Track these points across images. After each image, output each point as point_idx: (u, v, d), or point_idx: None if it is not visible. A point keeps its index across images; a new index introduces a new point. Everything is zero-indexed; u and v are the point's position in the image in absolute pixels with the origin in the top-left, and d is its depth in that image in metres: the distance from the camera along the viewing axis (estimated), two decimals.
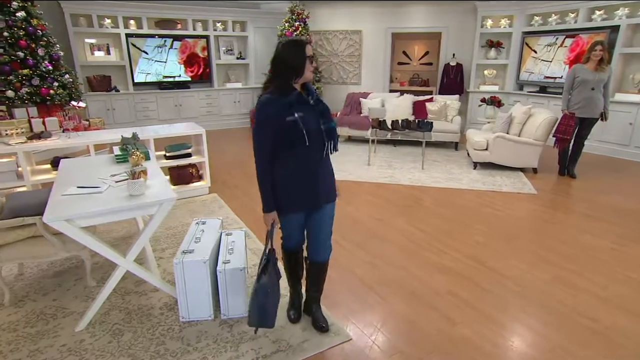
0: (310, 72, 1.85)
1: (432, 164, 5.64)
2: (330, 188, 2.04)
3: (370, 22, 8.11)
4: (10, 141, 3.54)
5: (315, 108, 1.88)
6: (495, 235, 3.44)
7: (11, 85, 5.74)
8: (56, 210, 2.05)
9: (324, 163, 1.97)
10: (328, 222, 2.10)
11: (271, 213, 1.93)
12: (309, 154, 1.88)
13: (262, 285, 1.90)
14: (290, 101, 1.81)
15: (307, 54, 1.82)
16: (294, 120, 1.79)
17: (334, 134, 1.93)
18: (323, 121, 1.89)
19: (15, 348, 2.08)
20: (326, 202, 2.03)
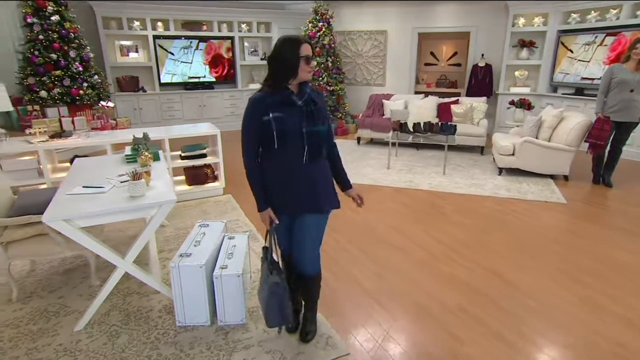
0: (306, 73, 1.76)
1: (455, 168, 5.41)
2: (318, 197, 1.88)
3: (395, 21, 7.92)
4: (33, 140, 3.66)
5: (302, 109, 1.77)
6: (516, 247, 3.23)
7: (44, 85, 6.00)
8: (56, 209, 2.07)
9: (311, 169, 1.84)
10: (312, 234, 1.97)
11: (266, 211, 1.87)
12: (287, 158, 1.81)
13: (276, 282, 1.85)
14: (273, 101, 1.75)
15: (302, 53, 1.73)
16: (268, 120, 1.73)
17: (317, 139, 1.80)
18: (307, 124, 1.76)
19: (14, 345, 2.11)
20: (309, 212, 1.90)
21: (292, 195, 1.86)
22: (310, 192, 1.87)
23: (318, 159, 1.84)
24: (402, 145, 6.41)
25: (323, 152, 1.86)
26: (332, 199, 1.97)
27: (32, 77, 5.96)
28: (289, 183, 1.84)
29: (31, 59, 5.90)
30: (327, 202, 1.94)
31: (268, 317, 1.90)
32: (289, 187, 1.85)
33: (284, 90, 1.77)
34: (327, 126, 1.86)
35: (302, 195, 1.86)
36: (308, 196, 1.87)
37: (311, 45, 1.79)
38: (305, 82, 1.82)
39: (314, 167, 1.84)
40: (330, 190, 1.97)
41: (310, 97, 1.81)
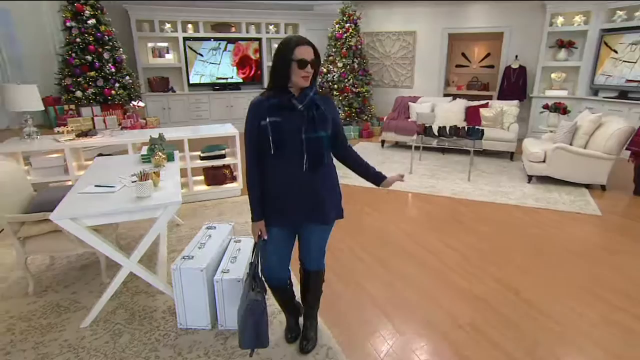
0: (299, 78, 1.64)
1: (481, 175, 5.18)
2: (320, 208, 1.80)
3: (425, 22, 7.72)
4: (61, 138, 3.81)
5: (302, 114, 1.67)
6: (539, 262, 3.02)
7: (80, 86, 6.27)
8: (65, 208, 2.12)
9: (311, 178, 1.74)
10: (316, 244, 1.92)
11: (258, 222, 1.80)
12: (285, 165, 1.72)
13: (256, 300, 1.78)
14: (272, 104, 1.67)
15: (295, 57, 1.61)
16: (265, 125, 1.66)
17: (317, 146, 1.69)
18: (306, 129, 1.67)
19: (24, 338, 2.18)
20: (310, 223, 1.83)
21: (293, 206, 1.77)
22: (312, 202, 1.78)
23: (319, 167, 1.73)
24: (428, 150, 6.22)
25: (325, 160, 1.75)
26: (337, 209, 1.89)
27: (69, 78, 6.24)
28: (289, 192, 1.76)
29: (69, 61, 6.18)
30: (331, 213, 1.84)
31: (243, 336, 1.77)
32: (289, 197, 1.76)
33: (285, 93, 1.69)
34: (328, 132, 1.74)
35: (303, 206, 1.77)
36: (309, 206, 1.78)
37: (313, 47, 1.66)
38: (309, 86, 1.71)
39: (314, 175, 1.74)
40: (335, 200, 1.88)
41: (313, 101, 1.70)
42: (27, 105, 3.76)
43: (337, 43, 7.41)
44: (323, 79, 7.66)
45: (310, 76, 1.67)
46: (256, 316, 1.77)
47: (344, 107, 7.52)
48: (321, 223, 1.84)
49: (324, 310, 2.37)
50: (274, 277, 1.92)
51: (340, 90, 7.46)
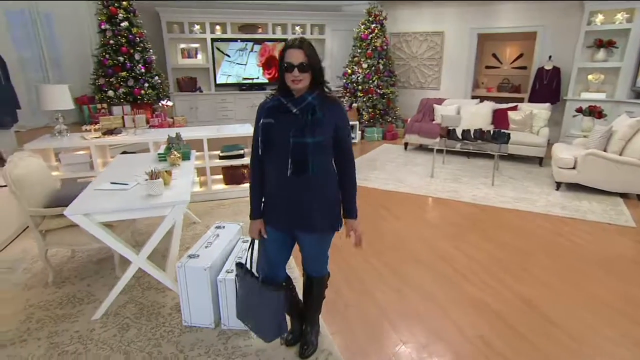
0: (290, 81, 1.60)
1: (507, 180, 4.98)
2: (304, 216, 1.73)
3: (453, 22, 7.51)
4: (88, 136, 3.97)
5: (296, 117, 1.63)
6: (561, 274, 2.86)
7: (112, 86, 6.54)
8: (79, 204, 2.20)
9: (297, 184, 1.67)
10: (311, 252, 1.90)
11: (255, 221, 1.80)
12: (273, 168, 1.70)
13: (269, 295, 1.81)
14: (270, 106, 1.67)
15: (285, 60, 1.59)
16: (260, 126, 1.67)
17: (302, 151, 1.61)
18: (294, 134, 1.60)
19: (40, 327, 2.28)
20: (301, 231, 1.79)
21: (281, 210, 1.75)
22: (298, 210, 1.72)
23: (302, 174, 1.65)
24: (452, 153, 6.05)
25: (309, 167, 1.64)
26: (329, 221, 1.78)
27: (103, 78, 6.52)
28: (278, 196, 1.74)
29: (103, 62, 6.45)
30: (318, 223, 1.75)
31: (268, 331, 1.86)
32: (278, 200, 1.75)
33: (285, 95, 1.67)
34: (321, 139, 1.65)
35: (289, 212, 1.73)
36: (296, 213, 1.73)
37: (305, 51, 1.60)
38: (311, 89, 1.66)
39: (301, 182, 1.67)
40: (327, 211, 1.77)
41: (311, 106, 1.63)
42: (58, 104, 3.94)
43: (362, 44, 7.35)
44: (347, 80, 7.62)
45: (301, 80, 1.60)
46: (273, 308, 1.81)
47: (368, 108, 7.44)
48: (306, 231, 1.78)
49: (327, 314, 2.36)
50: (267, 276, 1.89)
51: (364, 91, 7.39)
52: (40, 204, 2.60)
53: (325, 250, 1.94)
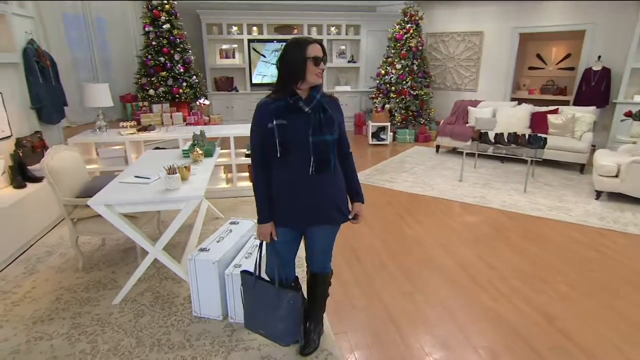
0: (314, 75, 1.64)
1: (541, 187, 4.73)
2: (322, 210, 1.78)
3: (493, 22, 7.22)
4: (124, 132, 4.22)
5: (309, 117, 1.66)
6: (588, 289, 2.69)
7: (153, 85, 6.88)
8: (103, 195, 2.35)
9: (318, 181, 1.72)
10: (320, 246, 1.91)
11: (265, 224, 1.80)
12: (291, 168, 1.71)
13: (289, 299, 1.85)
14: (278, 106, 1.67)
15: (309, 55, 1.61)
16: (272, 128, 1.66)
17: (324, 149, 1.67)
18: (313, 132, 1.65)
19: (66, 307, 2.46)
20: (314, 224, 1.82)
21: (298, 207, 1.76)
22: (318, 205, 1.76)
23: (326, 171, 1.71)
24: (486, 157, 5.82)
25: (331, 164, 1.72)
26: (341, 212, 1.83)
27: (145, 78, 6.88)
28: (294, 195, 1.75)
29: (146, 62, 6.81)
30: (334, 215, 1.81)
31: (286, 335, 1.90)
32: (295, 200, 1.76)
33: (292, 95, 1.68)
34: (336, 135, 1.72)
35: (307, 208, 1.76)
36: (315, 209, 1.77)
37: (322, 46, 1.66)
38: (316, 87, 1.71)
39: (321, 178, 1.72)
40: (339, 203, 1.83)
41: (320, 104, 1.68)
42: (99, 101, 4.21)
43: (396, 44, 7.25)
44: (380, 80, 7.55)
45: (322, 74, 1.67)
46: (293, 309, 1.85)
47: (401, 109, 7.33)
48: (324, 224, 1.83)
49: (333, 314, 2.36)
50: (282, 278, 1.90)
51: (397, 92, 7.28)
52: (73, 194, 2.80)
53: (333, 243, 1.96)
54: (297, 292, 1.85)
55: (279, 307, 1.84)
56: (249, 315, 1.96)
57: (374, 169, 5.57)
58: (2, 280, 2.79)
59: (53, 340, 2.17)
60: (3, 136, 3.56)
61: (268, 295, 1.87)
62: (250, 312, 1.95)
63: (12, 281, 2.78)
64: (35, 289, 2.68)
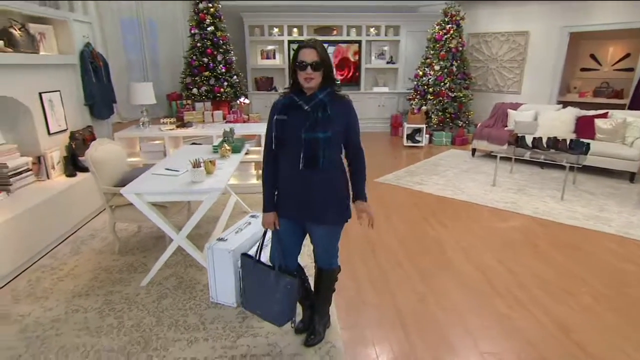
0: (302, 79, 1.71)
1: (581, 195, 4.47)
2: (314, 208, 1.84)
3: (540, 21, 6.87)
4: (163, 128, 4.51)
5: (308, 114, 1.73)
6: (617, 303, 2.54)
7: (196, 84, 7.26)
8: (134, 185, 2.57)
9: (308, 177, 1.78)
10: (320, 243, 1.98)
11: (268, 214, 1.91)
12: (286, 162, 1.81)
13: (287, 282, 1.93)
14: (283, 103, 1.79)
15: (298, 59, 1.70)
16: (274, 122, 1.77)
17: (314, 146, 1.72)
18: (306, 129, 1.71)
19: (101, 285, 2.71)
20: (310, 222, 1.89)
21: (292, 202, 1.86)
22: (308, 202, 1.83)
23: (314, 167, 1.76)
24: (524, 163, 5.58)
25: (320, 160, 1.75)
26: (340, 212, 1.88)
27: (189, 77, 7.26)
28: (289, 188, 1.85)
29: (191, 62, 7.19)
30: (327, 215, 1.86)
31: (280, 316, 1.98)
32: (289, 193, 1.86)
33: (298, 93, 1.78)
34: (330, 134, 1.74)
35: (300, 203, 1.84)
36: (310, 207, 1.84)
37: (318, 51, 1.70)
38: (323, 87, 1.77)
39: (312, 175, 1.78)
40: (338, 203, 1.87)
41: (322, 103, 1.74)
42: (143, 99, 4.54)
43: (435, 45, 7.12)
44: (418, 82, 7.45)
45: (313, 78, 1.71)
46: (289, 294, 1.93)
47: (438, 111, 7.19)
48: (317, 222, 1.88)
49: (342, 309, 2.43)
50: (281, 265, 1.99)
51: (435, 94, 7.15)
52: (112, 183, 3.06)
53: (334, 242, 2.01)
54: (295, 278, 1.92)
55: (277, 290, 1.93)
56: (247, 297, 2.07)
57: (406, 170, 5.52)
58: (52, 258, 3.11)
59: (87, 313, 2.41)
60: (60, 129, 3.94)
61: (267, 279, 1.97)
62: (248, 294, 2.06)
63: (60, 259, 3.09)
64: (78, 267, 2.96)
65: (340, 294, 2.57)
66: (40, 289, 2.67)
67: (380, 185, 4.91)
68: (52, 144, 3.75)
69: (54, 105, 3.82)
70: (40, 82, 3.63)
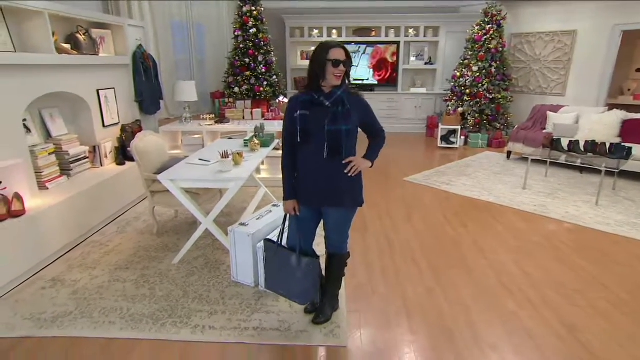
0: (332, 76, 1.88)
1: (620, 201, 4.28)
2: (335, 193, 2.02)
3: (590, 19, 6.56)
4: (203, 123, 4.87)
5: (329, 110, 1.91)
6: (634, 309, 2.48)
7: (238, 83, 7.65)
8: (170, 172, 2.87)
9: (331, 165, 1.97)
10: (334, 226, 2.14)
11: (289, 201, 2.11)
12: (311, 152, 1.98)
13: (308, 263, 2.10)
14: (304, 100, 1.96)
15: (330, 57, 1.85)
16: (296, 117, 1.95)
17: (337, 137, 1.91)
18: (330, 122, 1.89)
19: (139, 261, 3.04)
20: (328, 206, 2.06)
21: (314, 188, 2.04)
22: (329, 187, 2.01)
23: (337, 156, 1.95)
24: (562, 167, 5.40)
25: (342, 149, 1.94)
26: (353, 197, 2.07)
27: (232, 77, 7.67)
28: (311, 177, 2.03)
29: (234, 63, 7.59)
30: (346, 198, 2.05)
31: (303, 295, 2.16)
32: (311, 181, 2.04)
33: (317, 91, 1.96)
34: (351, 126, 1.94)
35: (322, 189, 2.02)
36: (327, 190, 2.02)
37: (346, 51, 1.89)
38: (340, 85, 1.94)
39: (334, 163, 1.97)
40: (352, 188, 2.05)
41: (341, 99, 1.93)
42: (186, 96, 4.93)
43: (474, 46, 7.01)
44: (455, 83, 7.37)
45: (342, 75, 1.90)
46: (311, 273, 2.11)
47: (475, 113, 7.08)
48: (335, 205, 2.07)
49: (352, 294, 2.59)
50: (302, 247, 2.17)
51: (472, 95, 7.05)
52: (152, 171, 3.40)
53: (347, 226, 2.18)
54: (315, 258, 2.10)
55: (298, 270, 2.12)
56: (269, 278, 2.27)
57: (435, 171, 5.53)
58: (101, 235, 3.51)
59: (125, 283, 2.74)
60: (113, 123, 4.39)
61: (289, 261, 2.15)
62: (270, 275, 2.26)
63: (107, 237, 3.49)
64: (121, 245, 3.33)
65: (351, 282, 2.73)
66: (90, 261, 3.05)
67: (408, 184, 4.98)
68: (106, 136, 4.20)
69: (108, 101, 4.27)
70: (98, 80, 4.08)
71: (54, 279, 2.79)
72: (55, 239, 3.03)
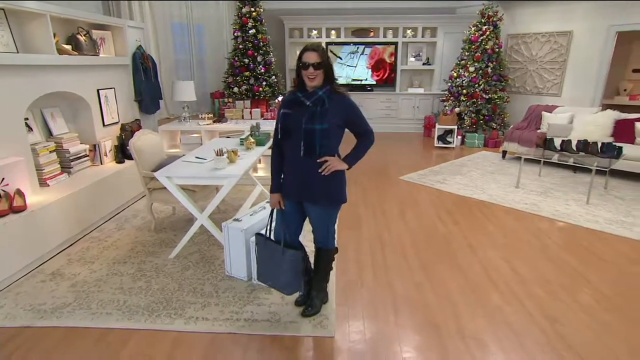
0: (306, 78, 1.96)
1: (611, 200, 4.34)
2: (308, 190, 2.09)
3: (585, 20, 6.61)
4: (201, 122, 4.96)
5: (308, 108, 1.98)
6: (618, 305, 2.55)
7: (237, 84, 7.74)
8: (166, 169, 2.95)
9: (307, 163, 2.03)
10: (315, 222, 2.22)
11: (274, 194, 2.20)
12: (288, 150, 2.07)
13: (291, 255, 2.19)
14: (289, 99, 2.06)
15: (302, 60, 1.95)
16: (280, 115, 2.05)
17: (311, 136, 1.97)
18: (306, 121, 1.96)
19: (137, 255, 3.13)
20: (306, 201, 2.14)
21: (293, 184, 2.13)
22: (305, 184, 2.09)
23: (312, 154, 2.01)
24: (556, 166, 5.47)
25: (316, 148, 1.99)
26: (329, 195, 2.11)
27: (231, 77, 7.76)
28: (292, 173, 2.12)
29: (233, 63, 7.68)
30: (321, 197, 2.10)
31: (288, 286, 2.24)
32: (291, 176, 2.13)
33: (302, 90, 2.05)
34: (327, 125, 1.97)
35: (299, 185, 2.10)
36: (303, 187, 2.10)
37: (319, 53, 1.95)
38: (323, 85, 2.02)
39: (309, 161, 2.03)
40: (329, 187, 2.09)
41: (321, 99, 1.99)
42: (185, 96, 5.02)
43: (471, 46, 7.08)
44: (452, 83, 7.43)
45: (315, 77, 1.96)
46: (294, 265, 2.19)
47: (471, 113, 7.15)
48: (310, 202, 2.14)
49: (341, 288, 2.66)
50: (287, 240, 2.25)
51: (469, 95, 7.12)
52: (150, 169, 3.49)
53: (329, 224, 2.25)
54: (298, 251, 2.19)
55: (283, 262, 2.20)
56: (261, 269, 2.35)
57: (430, 170, 5.61)
58: (100, 231, 3.60)
59: (123, 276, 2.83)
60: (113, 122, 4.48)
61: (276, 253, 2.24)
62: (262, 267, 2.34)
63: (106, 233, 3.57)
64: (120, 240, 3.42)
65: (341, 276, 2.81)
66: (89, 255, 3.14)
67: (403, 182, 5.05)
68: (105, 134, 4.29)
69: (108, 100, 4.36)
70: (98, 80, 4.17)
71: (54, 272, 2.88)
72: (56, 234, 3.13)
